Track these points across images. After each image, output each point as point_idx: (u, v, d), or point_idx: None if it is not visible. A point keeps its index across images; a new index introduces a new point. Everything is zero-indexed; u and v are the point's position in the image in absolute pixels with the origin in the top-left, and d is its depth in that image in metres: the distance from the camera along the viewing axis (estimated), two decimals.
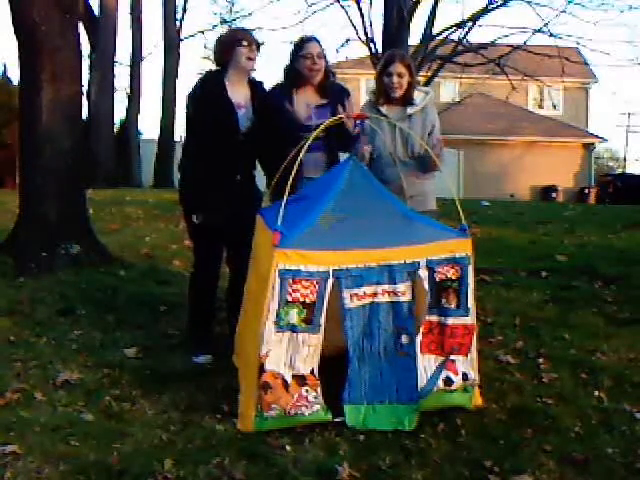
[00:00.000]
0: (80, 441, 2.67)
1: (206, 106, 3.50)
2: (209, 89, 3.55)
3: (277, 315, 2.72)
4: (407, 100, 3.59)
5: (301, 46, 3.55)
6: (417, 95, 3.63)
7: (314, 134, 3.05)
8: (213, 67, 3.75)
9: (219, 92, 3.51)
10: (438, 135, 3.62)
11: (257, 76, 3.70)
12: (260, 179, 3.77)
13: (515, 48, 14.88)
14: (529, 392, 3.25)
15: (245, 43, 3.49)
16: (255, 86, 3.65)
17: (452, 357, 3.01)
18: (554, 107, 26.61)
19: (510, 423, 2.93)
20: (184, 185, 3.71)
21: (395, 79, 3.53)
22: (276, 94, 3.62)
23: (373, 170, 3.30)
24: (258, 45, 3.56)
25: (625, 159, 41.63)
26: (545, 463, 2.60)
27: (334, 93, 3.61)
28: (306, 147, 2.98)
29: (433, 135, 3.60)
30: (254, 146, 3.59)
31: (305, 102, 3.56)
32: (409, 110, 3.57)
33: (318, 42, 3.57)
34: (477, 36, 79.60)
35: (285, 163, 3.20)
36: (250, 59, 3.52)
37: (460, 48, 15.00)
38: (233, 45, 3.50)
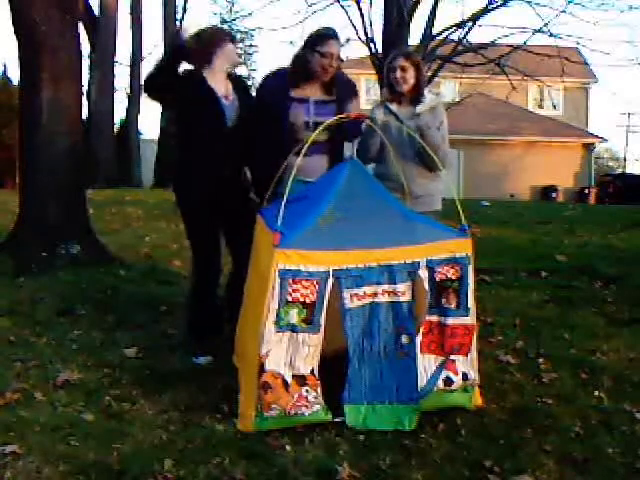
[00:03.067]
0: (80, 441, 2.67)
1: (189, 98, 3.44)
2: (190, 81, 3.47)
3: (277, 315, 2.71)
4: (416, 99, 3.60)
5: (321, 42, 3.34)
6: (427, 95, 3.65)
7: (312, 136, 2.99)
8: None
9: (200, 83, 3.44)
10: (445, 133, 3.64)
11: (257, 76, 3.72)
12: None
13: (515, 48, 14.83)
14: (529, 392, 3.25)
15: (235, 40, 3.56)
16: (236, 80, 3.62)
17: (452, 357, 3.01)
18: (554, 107, 26.60)
19: (510, 423, 2.93)
20: (176, 176, 3.68)
21: (398, 73, 3.55)
22: (273, 85, 3.49)
23: (379, 168, 3.29)
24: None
25: (625, 159, 41.71)
26: (545, 463, 2.60)
27: (339, 88, 3.49)
28: (305, 150, 2.96)
29: (441, 131, 3.62)
30: (241, 141, 3.49)
31: (306, 96, 3.44)
32: (418, 109, 3.58)
33: (339, 41, 3.40)
34: (477, 36, 79.67)
35: (285, 163, 3.18)
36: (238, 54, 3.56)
37: (460, 48, 14.95)
38: (223, 40, 3.47)
